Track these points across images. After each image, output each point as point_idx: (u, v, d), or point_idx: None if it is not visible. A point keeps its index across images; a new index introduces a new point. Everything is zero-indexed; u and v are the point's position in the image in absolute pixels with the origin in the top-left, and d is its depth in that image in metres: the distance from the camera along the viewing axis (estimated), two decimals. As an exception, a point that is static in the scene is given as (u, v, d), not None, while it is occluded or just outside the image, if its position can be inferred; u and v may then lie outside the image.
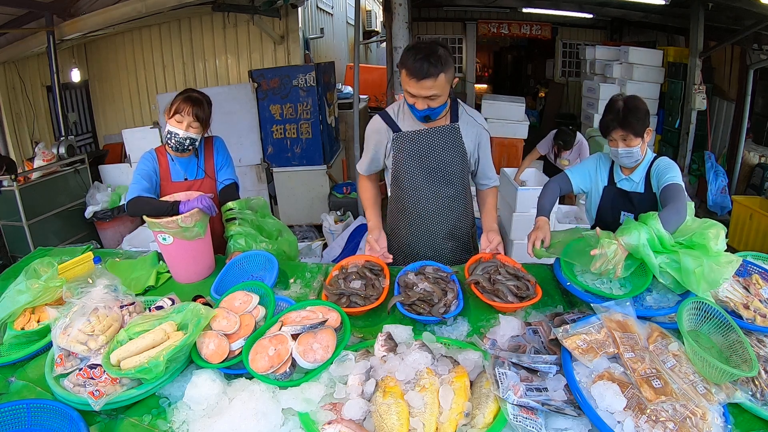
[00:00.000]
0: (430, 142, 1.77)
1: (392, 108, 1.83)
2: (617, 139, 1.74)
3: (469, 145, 1.81)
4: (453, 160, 1.79)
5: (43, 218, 4.09)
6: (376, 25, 11.08)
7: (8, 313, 1.36)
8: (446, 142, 1.78)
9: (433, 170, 1.79)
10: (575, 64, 9.46)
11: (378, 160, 1.88)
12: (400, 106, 1.81)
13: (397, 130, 1.78)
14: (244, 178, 4.80)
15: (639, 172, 1.79)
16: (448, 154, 1.78)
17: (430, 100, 1.60)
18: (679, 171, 1.71)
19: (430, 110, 1.63)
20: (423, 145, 1.77)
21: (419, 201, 1.84)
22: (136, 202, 1.77)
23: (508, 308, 1.43)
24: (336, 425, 0.99)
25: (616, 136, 1.74)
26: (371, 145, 1.85)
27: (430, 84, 1.55)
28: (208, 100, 1.90)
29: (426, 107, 1.62)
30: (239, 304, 1.35)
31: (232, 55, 5.93)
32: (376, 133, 1.82)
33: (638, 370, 1.05)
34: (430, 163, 1.79)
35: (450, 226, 1.89)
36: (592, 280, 1.47)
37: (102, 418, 1.12)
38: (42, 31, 4.47)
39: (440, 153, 1.78)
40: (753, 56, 5.11)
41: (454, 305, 1.42)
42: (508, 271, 1.55)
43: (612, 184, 1.87)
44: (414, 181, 1.81)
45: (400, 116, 1.79)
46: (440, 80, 1.55)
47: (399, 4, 3.75)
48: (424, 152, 1.78)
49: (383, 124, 1.80)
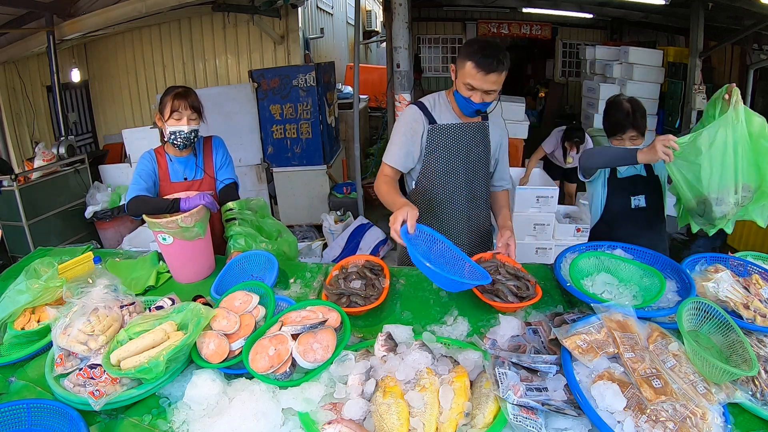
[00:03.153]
0: (464, 137, 1.80)
1: (427, 100, 1.83)
2: (626, 139, 1.85)
3: (494, 145, 1.87)
4: (482, 157, 1.84)
5: (43, 218, 4.09)
6: (376, 25, 11.09)
7: (8, 313, 1.36)
8: (478, 138, 1.82)
9: (464, 164, 1.82)
10: (575, 64, 9.46)
11: (412, 153, 1.81)
12: (436, 100, 1.82)
13: (433, 122, 1.79)
14: (244, 178, 4.80)
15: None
16: (479, 151, 1.83)
17: (487, 94, 1.65)
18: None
19: (483, 104, 1.67)
20: (457, 139, 1.80)
21: (449, 194, 1.85)
22: (136, 202, 1.78)
23: (508, 308, 1.42)
24: (336, 425, 0.99)
25: (626, 137, 1.85)
26: (407, 135, 1.80)
27: (495, 78, 1.60)
28: (192, 89, 1.91)
29: (482, 101, 1.66)
30: (239, 304, 1.35)
31: (232, 55, 5.94)
32: (414, 122, 1.80)
33: (638, 370, 1.05)
34: (462, 157, 1.81)
35: (473, 221, 1.91)
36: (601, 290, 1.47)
37: (102, 418, 1.12)
38: (42, 31, 4.47)
39: (472, 148, 1.82)
40: (753, 56, 5.12)
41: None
42: (508, 271, 1.55)
43: (614, 175, 1.96)
44: (447, 174, 1.82)
45: (438, 109, 1.80)
46: (503, 77, 1.63)
47: (399, 4, 3.74)
48: (458, 146, 1.80)
49: (420, 114, 1.80)
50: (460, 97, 1.69)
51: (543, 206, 3.83)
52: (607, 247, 1.61)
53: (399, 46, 3.83)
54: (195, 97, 1.88)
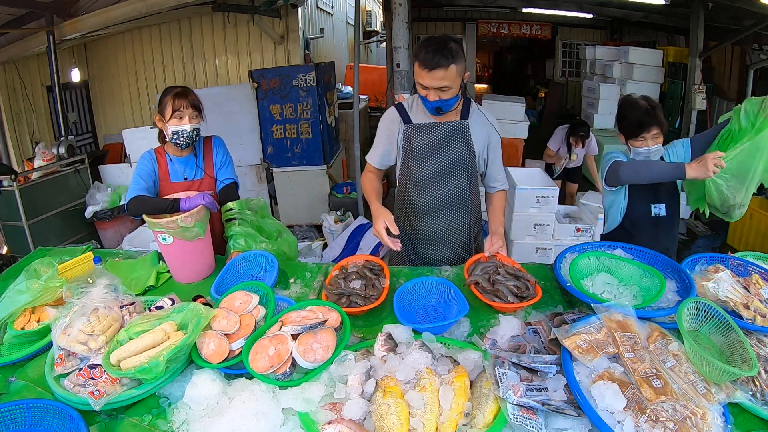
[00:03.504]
0: (439, 136, 1.80)
1: (407, 101, 1.88)
2: (648, 138, 1.80)
3: (478, 145, 1.84)
4: (460, 157, 1.82)
5: (43, 218, 4.09)
6: (376, 25, 11.08)
7: (8, 313, 1.36)
8: (455, 138, 1.81)
9: (441, 164, 1.82)
10: (575, 64, 9.46)
11: (390, 153, 1.89)
12: (414, 100, 1.85)
13: (408, 121, 1.82)
14: (244, 178, 4.80)
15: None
16: (456, 150, 1.82)
17: (442, 91, 1.65)
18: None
19: (441, 102, 1.67)
20: (432, 138, 1.80)
21: (424, 193, 1.86)
22: (136, 202, 1.78)
23: (508, 308, 1.42)
24: (336, 425, 0.99)
25: (649, 135, 1.80)
26: (384, 134, 1.87)
27: (441, 75, 1.60)
28: (190, 88, 1.92)
29: (437, 98, 1.66)
30: (239, 304, 1.35)
31: (232, 55, 5.93)
32: (390, 122, 1.85)
33: (638, 370, 1.05)
34: (438, 157, 1.81)
35: (452, 222, 1.90)
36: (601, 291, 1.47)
37: (102, 418, 1.12)
38: (42, 31, 4.47)
39: (448, 148, 1.81)
40: (753, 56, 5.13)
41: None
42: (508, 271, 1.55)
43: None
44: (421, 173, 1.83)
45: (413, 109, 1.84)
46: (451, 71, 1.60)
47: (399, 4, 3.75)
48: (433, 145, 1.81)
49: (396, 115, 1.84)
50: (421, 97, 1.72)
51: (543, 206, 3.83)
52: (607, 247, 1.61)
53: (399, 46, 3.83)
54: (194, 96, 1.88)
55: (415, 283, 1.55)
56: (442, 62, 1.58)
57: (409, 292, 1.53)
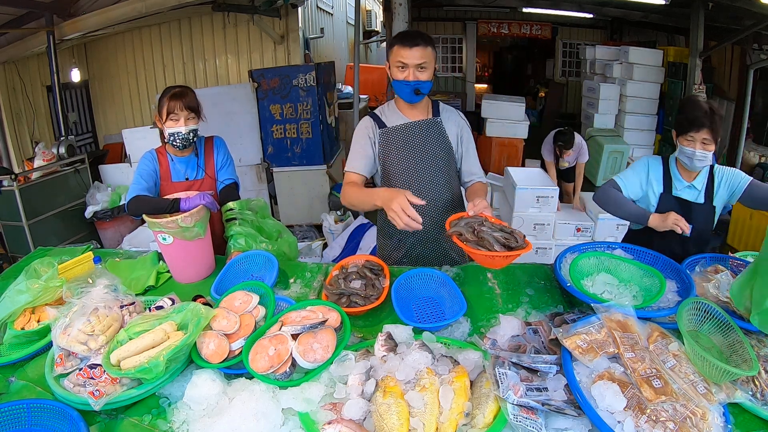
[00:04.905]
0: (415, 134, 1.83)
1: (379, 109, 1.91)
2: (697, 140, 1.68)
3: (453, 139, 1.88)
4: (438, 153, 1.85)
5: (43, 218, 4.09)
6: (376, 25, 11.09)
7: (8, 313, 1.36)
8: (431, 135, 1.84)
9: (420, 163, 1.83)
10: (575, 64, 9.48)
11: (371, 158, 1.85)
12: (386, 107, 1.90)
13: (383, 126, 1.85)
14: (244, 178, 4.80)
15: (701, 178, 1.76)
16: (434, 147, 1.84)
17: (420, 70, 1.69)
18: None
19: (418, 83, 1.70)
20: (407, 138, 1.83)
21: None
22: (137, 202, 1.78)
23: (495, 261, 1.30)
24: (336, 425, 0.99)
25: (698, 137, 1.68)
26: (362, 142, 1.85)
27: (420, 51, 1.67)
28: (190, 88, 1.91)
29: (416, 78, 1.70)
30: (239, 304, 1.35)
31: (232, 55, 5.94)
32: (366, 129, 1.86)
33: (638, 370, 1.05)
34: (416, 156, 1.83)
35: (439, 220, 1.88)
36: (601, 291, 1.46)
37: (102, 418, 1.12)
38: (42, 31, 4.47)
39: (425, 146, 1.83)
40: (753, 56, 5.13)
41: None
42: (494, 225, 1.42)
43: (669, 192, 1.80)
44: (402, 174, 1.84)
45: (387, 114, 1.88)
46: (428, 51, 1.69)
47: (399, 4, 3.75)
48: (410, 145, 1.83)
49: (371, 121, 1.87)
50: (397, 84, 1.73)
51: (543, 206, 3.83)
52: (607, 247, 1.61)
53: (399, 46, 3.82)
54: (192, 97, 1.87)
55: (412, 275, 1.58)
56: (420, 41, 1.67)
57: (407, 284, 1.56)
